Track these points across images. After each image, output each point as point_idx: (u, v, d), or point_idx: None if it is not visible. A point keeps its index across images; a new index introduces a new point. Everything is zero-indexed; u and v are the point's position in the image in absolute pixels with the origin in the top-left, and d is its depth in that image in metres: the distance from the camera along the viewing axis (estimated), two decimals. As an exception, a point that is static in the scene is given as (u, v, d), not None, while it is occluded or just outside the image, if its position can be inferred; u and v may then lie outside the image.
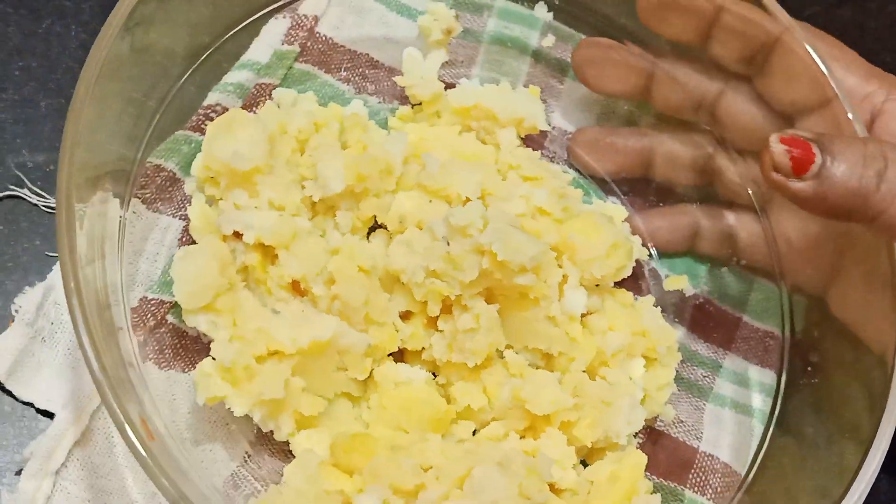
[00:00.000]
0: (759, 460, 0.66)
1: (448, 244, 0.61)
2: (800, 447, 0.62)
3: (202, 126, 0.67)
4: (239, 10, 0.68)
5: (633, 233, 0.72)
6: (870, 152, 0.57)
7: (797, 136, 0.57)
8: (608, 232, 0.65)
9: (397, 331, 0.63)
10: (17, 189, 0.69)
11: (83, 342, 0.52)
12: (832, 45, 0.66)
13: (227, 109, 0.68)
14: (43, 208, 0.69)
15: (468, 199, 0.65)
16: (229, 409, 0.59)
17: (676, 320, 0.71)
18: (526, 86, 0.74)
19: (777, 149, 0.57)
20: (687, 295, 0.71)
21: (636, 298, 0.69)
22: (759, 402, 0.69)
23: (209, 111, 0.68)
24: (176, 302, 0.63)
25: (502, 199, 0.65)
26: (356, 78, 0.72)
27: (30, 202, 0.69)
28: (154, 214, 0.66)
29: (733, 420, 0.69)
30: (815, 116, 0.64)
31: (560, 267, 0.64)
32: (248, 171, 0.62)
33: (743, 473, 0.66)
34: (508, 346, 0.64)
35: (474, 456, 0.59)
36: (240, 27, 0.68)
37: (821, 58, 0.63)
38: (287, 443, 0.62)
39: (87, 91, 0.56)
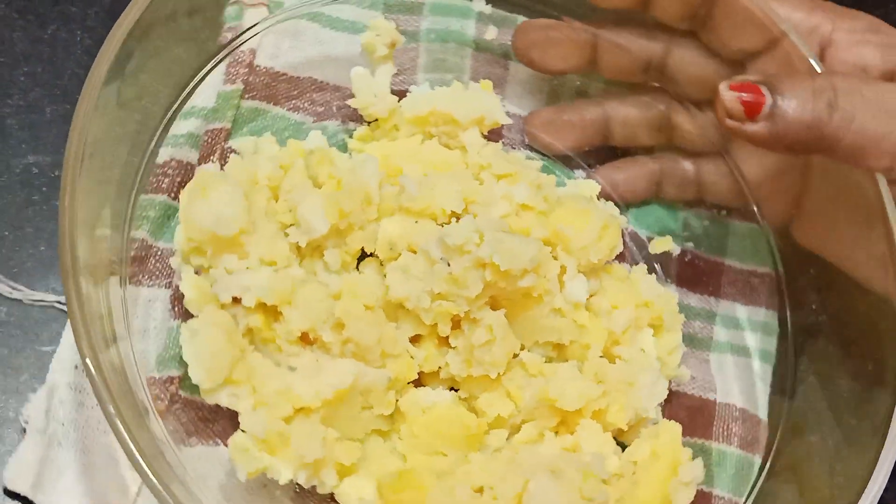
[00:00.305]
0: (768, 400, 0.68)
1: (448, 264, 0.61)
2: (824, 388, 0.64)
3: (161, 185, 0.65)
4: (191, 66, 0.65)
5: (601, 195, 0.72)
6: (818, 85, 0.58)
7: (746, 81, 0.58)
8: (595, 215, 0.66)
9: (412, 357, 0.63)
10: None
11: (120, 432, 0.51)
12: None
13: (181, 163, 0.66)
14: (26, 303, 0.67)
15: (453, 213, 0.64)
16: (272, 477, 0.59)
17: (665, 279, 0.72)
18: (472, 78, 0.73)
19: (727, 95, 0.58)
20: (673, 255, 0.72)
21: (629, 269, 0.70)
22: (756, 341, 0.71)
23: (165, 168, 0.66)
24: (181, 376, 0.62)
25: (485, 205, 0.65)
26: (305, 104, 0.71)
27: (9, 298, 0.67)
28: (134, 287, 0.64)
29: (735, 364, 0.71)
30: (766, 58, 0.65)
31: (556, 259, 0.65)
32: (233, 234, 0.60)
33: (761, 416, 0.68)
34: (521, 347, 0.65)
35: (521, 466, 0.60)
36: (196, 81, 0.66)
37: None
38: (330, 494, 0.61)
39: (75, 177, 0.54)
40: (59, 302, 0.68)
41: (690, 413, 0.69)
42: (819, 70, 0.62)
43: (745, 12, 0.65)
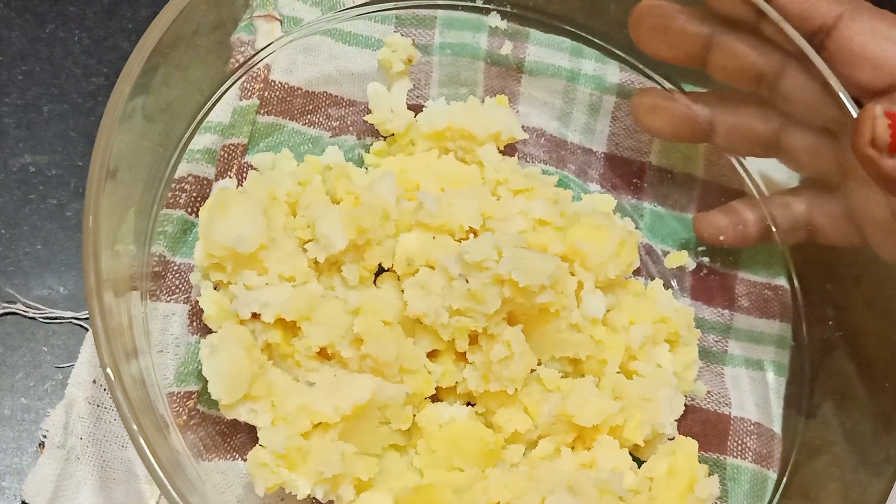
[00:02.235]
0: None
1: (466, 281, 0.61)
2: (840, 408, 0.64)
3: (178, 201, 0.65)
4: (209, 82, 0.66)
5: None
6: None
7: None
8: (613, 231, 0.66)
9: (430, 373, 0.64)
10: (11, 305, 0.67)
11: (140, 445, 0.51)
12: (892, 24, 0.62)
13: (198, 179, 0.66)
14: (41, 320, 0.67)
15: (471, 229, 0.65)
16: (290, 492, 0.59)
17: (680, 292, 0.73)
18: (486, 92, 0.74)
19: (882, 122, 0.55)
20: (688, 270, 0.73)
21: (645, 284, 0.70)
22: (771, 354, 0.71)
23: (182, 183, 0.66)
24: (199, 391, 0.63)
25: (502, 220, 0.65)
26: (321, 119, 0.71)
27: (24, 317, 0.67)
28: (152, 303, 0.64)
29: (750, 378, 0.71)
30: (884, 100, 0.59)
31: (573, 274, 0.65)
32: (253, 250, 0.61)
33: (776, 430, 0.68)
34: (538, 362, 0.65)
35: (539, 483, 0.60)
36: (216, 98, 0.66)
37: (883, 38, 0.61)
38: (348, 509, 0.62)
39: (99, 194, 0.54)
40: (76, 318, 0.68)
41: (705, 427, 0.69)
42: None
43: (861, 52, 0.61)
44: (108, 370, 0.52)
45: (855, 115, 0.58)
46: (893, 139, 0.54)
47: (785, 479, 0.65)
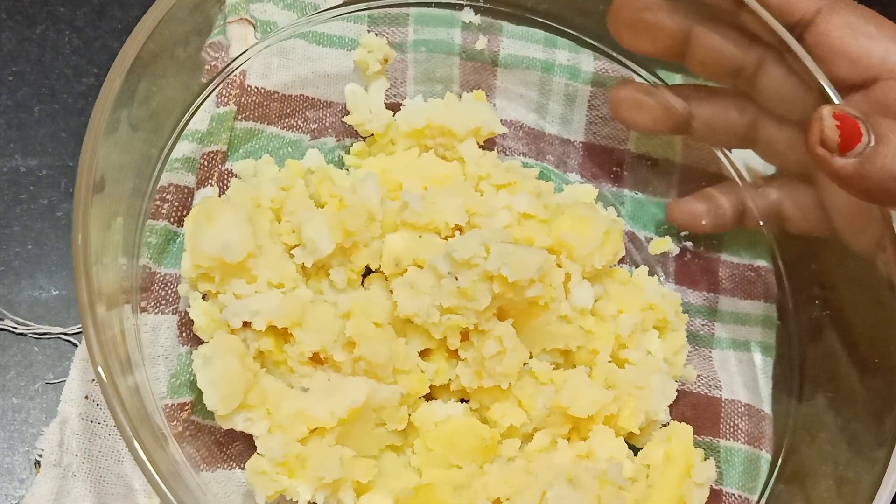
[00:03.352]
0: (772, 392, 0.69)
1: (456, 278, 0.61)
2: (831, 389, 0.65)
3: (160, 211, 0.65)
4: (188, 92, 0.65)
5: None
6: None
7: (846, 113, 0.56)
8: (597, 221, 0.66)
9: (423, 372, 0.64)
10: (-1, 322, 0.67)
11: (140, 457, 0.51)
12: (868, 19, 0.62)
13: (179, 188, 0.66)
14: (31, 336, 0.67)
15: (457, 226, 0.65)
16: (290, 499, 0.59)
17: (665, 278, 0.73)
18: (462, 87, 0.74)
19: (828, 122, 0.56)
20: (672, 255, 0.73)
21: (630, 271, 0.70)
22: (757, 335, 0.71)
23: (164, 193, 0.66)
24: (193, 401, 0.62)
25: (487, 216, 0.65)
26: (299, 122, 0.71)
27: (14, 333, 0.67)
28: (141, 314, 0.64)
29: (738, 359, 0.72)
30: (858, 95, 0.62)
31: (560, 266, 0.65)
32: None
33: (766, 410, 0.68)
34: (529, 355, 0.65)
35: (537, 476, 0.60)
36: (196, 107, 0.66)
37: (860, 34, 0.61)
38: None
39: (86, 210, 0.54)
40: (65, 334, 0.67)
41: (697, 411, 0.69)
42: None
43: (838, 43, 0.62)
44: (107, 385, 0.52)
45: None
46: (842, 139, 0.55)
47: (779, 464, 0.66)
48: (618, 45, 0.72)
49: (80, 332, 0.67)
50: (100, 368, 0.52)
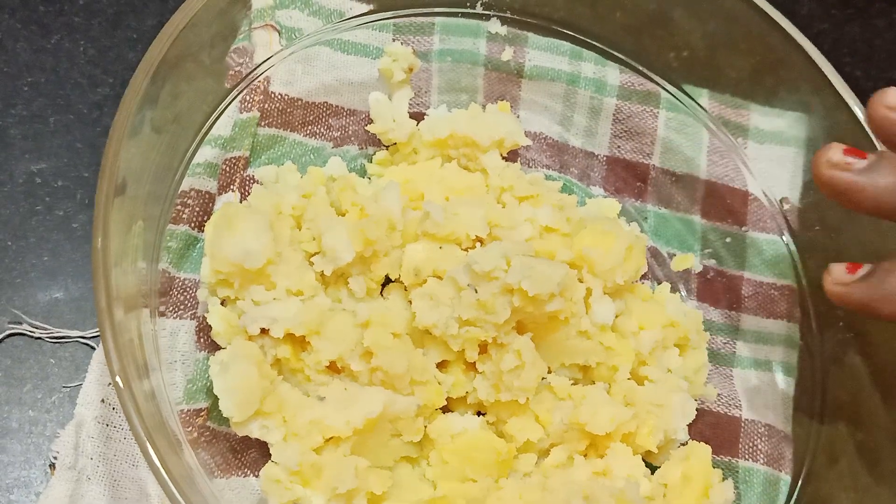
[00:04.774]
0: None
1: (476, 291, 0.61)
2: (853, 413, 0.64)
3: (181, 216, 0.65)
4: (212, 97, 0.65)
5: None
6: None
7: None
8: (620, 237, 0.66)
9: (440, 384, 0.63)
10: (17, 326, 0.67)
11: (154, 462, 0.51)
12: None
13: (200, 193, 0.66)
14: (48, 340, 0.67)
15: (478, 238, 0.64)
16: (302, 507, 0.58)
17: (686, 295, 0.72)
18: (486, 98, 0.73)
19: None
20: (694, 272, 0.73)
21: (652, 288, 0.70)
22: (779, 355, 0.70)
23: (185, 198, 0.65)
24: (209, 407, 0.62)
25: (508, 228, 0.65)
26: (322, 130, 0.71)
27: (31, 337, 0.67)
28: (159, 319, 0.64)
29: (759, 379, 0.71)
30: None
31: (581, 281, 0.65)
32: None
33: (786, 431, 0.68)
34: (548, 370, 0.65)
35: (554, 493, 0.60)
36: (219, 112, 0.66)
37: None
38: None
39: (107, 212, 0.54)
40: (83, 337, 0.67)
41: (716, 431, 0.69)
42: None
43: None
44: (123, 389, 0.52)
45: None
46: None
47: (798, 486, 0.65)
48: (645, 59, 0.72)
49: (98, 336, 0.67)
50: (116, 371, 0.52)
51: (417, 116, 0.71)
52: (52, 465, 0.63)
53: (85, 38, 0.76)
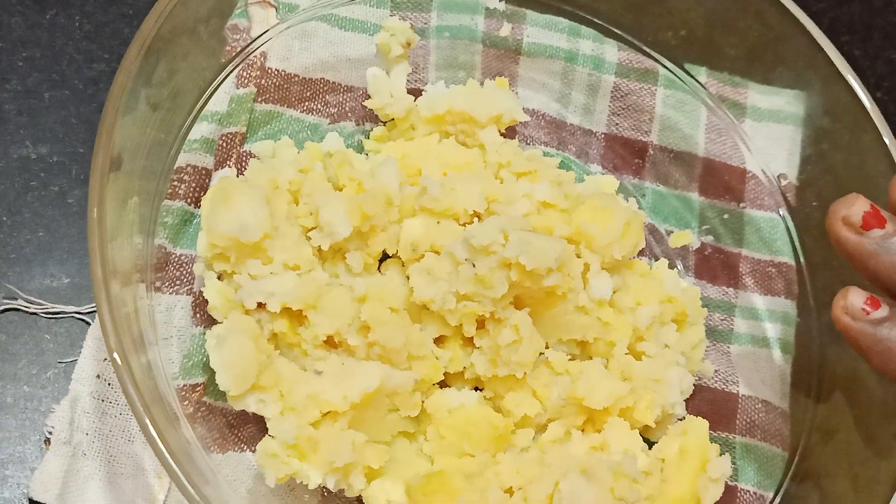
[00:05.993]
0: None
1: (473, 265, 0.60)
2: (850, 389, 0.64)
3: (178, 192, 0.65)
4: (208, 71, 0.65)
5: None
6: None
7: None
8: (618, 212, 0.65)
9: (437, 359, 0.63)
10: (12, 301, 0.67)
11: (152, 436, 0.51)
12: None
13: (197, 169, 0.66)
14: (43, 315, 0.67)
15: (475, 213, 0.64)
16: (300, 482, 0.58)
17: (684, 271, 0.72)
18: (484, 75, 0.73)
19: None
20: (692, 249, 0.72)
21: (650, 264, 0.70)
22: (776, 331, 0.70)
23: (181, 174, 0.65)
24: (206, 382, 0.62)
25: (506, 204, 0.65)
26: (319, 106, 0.70)
27: (26, 312, 0.67)
28: (155, 294, 0.64)
29: (756, 355, 0.71)
30: None
31: (579, 256, 0.65)
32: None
33: (783, 407, 0.68)
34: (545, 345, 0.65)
35: (551, 467, 0.60)
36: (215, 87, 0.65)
37: None
38: (358, 497, 0.61)
39: (102, 186, 0.54)
40: (78, 313, 0.67)
41: (713, 406, 0.69)
42: None
43: None
44: (120, 364, 0.52)
45: None
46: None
47: (795, 462, 0.65)
48: (642, 36, 0.71)
49: (94, 312, 0.66)
50: (113, 345, 0.52)
51: (415, 93, 0.71)
52: (48, 441, 0.62)
53: (80, 13, 0.75)
